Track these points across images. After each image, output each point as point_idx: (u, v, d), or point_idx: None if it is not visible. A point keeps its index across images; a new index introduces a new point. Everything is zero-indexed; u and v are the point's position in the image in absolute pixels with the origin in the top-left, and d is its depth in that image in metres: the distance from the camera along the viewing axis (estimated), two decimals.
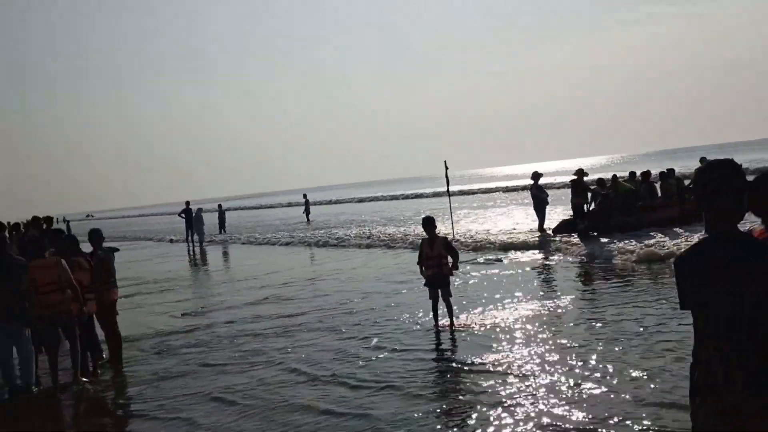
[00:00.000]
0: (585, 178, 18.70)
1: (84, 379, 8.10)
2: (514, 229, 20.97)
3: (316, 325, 10.19)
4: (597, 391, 5.99)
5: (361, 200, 66.00)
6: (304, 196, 43.61)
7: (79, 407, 7.57)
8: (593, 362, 6.83)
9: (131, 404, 7.39)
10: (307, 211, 40.61)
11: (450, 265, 9.13)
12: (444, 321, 9.20)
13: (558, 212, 22.32)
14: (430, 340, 8.63)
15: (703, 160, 19.84)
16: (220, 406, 6.85)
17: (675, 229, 15.84)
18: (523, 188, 40.93)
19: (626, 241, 14.77)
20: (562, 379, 6.43)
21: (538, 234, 18.60)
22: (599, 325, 8.36)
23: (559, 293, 10.79)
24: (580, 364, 6.83)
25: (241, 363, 8.45)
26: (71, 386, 7.95)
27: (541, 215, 19.27)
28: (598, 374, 6.45)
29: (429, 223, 9.17)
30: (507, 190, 52.64)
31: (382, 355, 8.06)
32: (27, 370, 7.64)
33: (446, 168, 20.64)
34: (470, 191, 54.90)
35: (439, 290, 9.14)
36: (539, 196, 19.27)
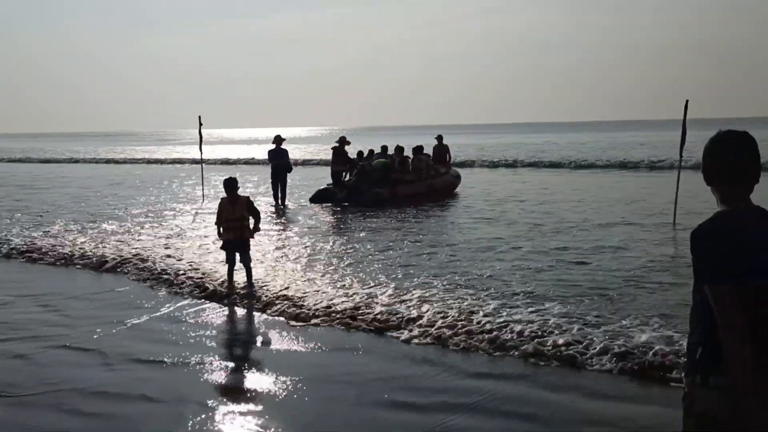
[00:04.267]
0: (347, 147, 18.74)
1: None
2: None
3: None
4: None
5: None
6: None
7: None
8: None
9: None
10: None
11: (251, 227, 8.35)
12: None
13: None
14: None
15: (439, 137, 21.10)
16: None
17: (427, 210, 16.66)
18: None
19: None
20: None
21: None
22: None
23: None
24: None
25: None
26: None
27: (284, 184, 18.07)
28: None
29: (231, 184, 8.34)
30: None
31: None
32: None
33: (200, 124, 19.02)
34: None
35: (238, 254, 8.32)
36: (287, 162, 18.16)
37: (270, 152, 18.21)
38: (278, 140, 17.94)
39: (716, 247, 2.46)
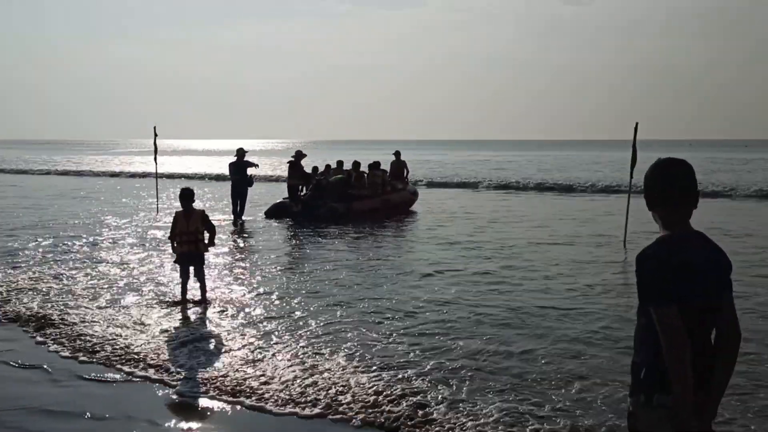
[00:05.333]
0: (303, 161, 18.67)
1: None
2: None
3: None
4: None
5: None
6: None
7: None
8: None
9: None
10: None
11: (206, 241, 8.28)
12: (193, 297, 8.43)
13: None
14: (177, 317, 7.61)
15: (396, 153, 20.98)
16: None
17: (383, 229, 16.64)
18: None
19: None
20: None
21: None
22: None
23: None
24: None
25: None
26: None
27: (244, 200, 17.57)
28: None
29: (186, 195, 8.26)
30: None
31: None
32: None
33: (155, 134, 18.69)
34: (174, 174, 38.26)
35: (192, 268, 8.26)
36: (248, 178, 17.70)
37: (231, 165, 17.58)
38: (241, 153, 17.32)
39: (661, 269, 2.53)
